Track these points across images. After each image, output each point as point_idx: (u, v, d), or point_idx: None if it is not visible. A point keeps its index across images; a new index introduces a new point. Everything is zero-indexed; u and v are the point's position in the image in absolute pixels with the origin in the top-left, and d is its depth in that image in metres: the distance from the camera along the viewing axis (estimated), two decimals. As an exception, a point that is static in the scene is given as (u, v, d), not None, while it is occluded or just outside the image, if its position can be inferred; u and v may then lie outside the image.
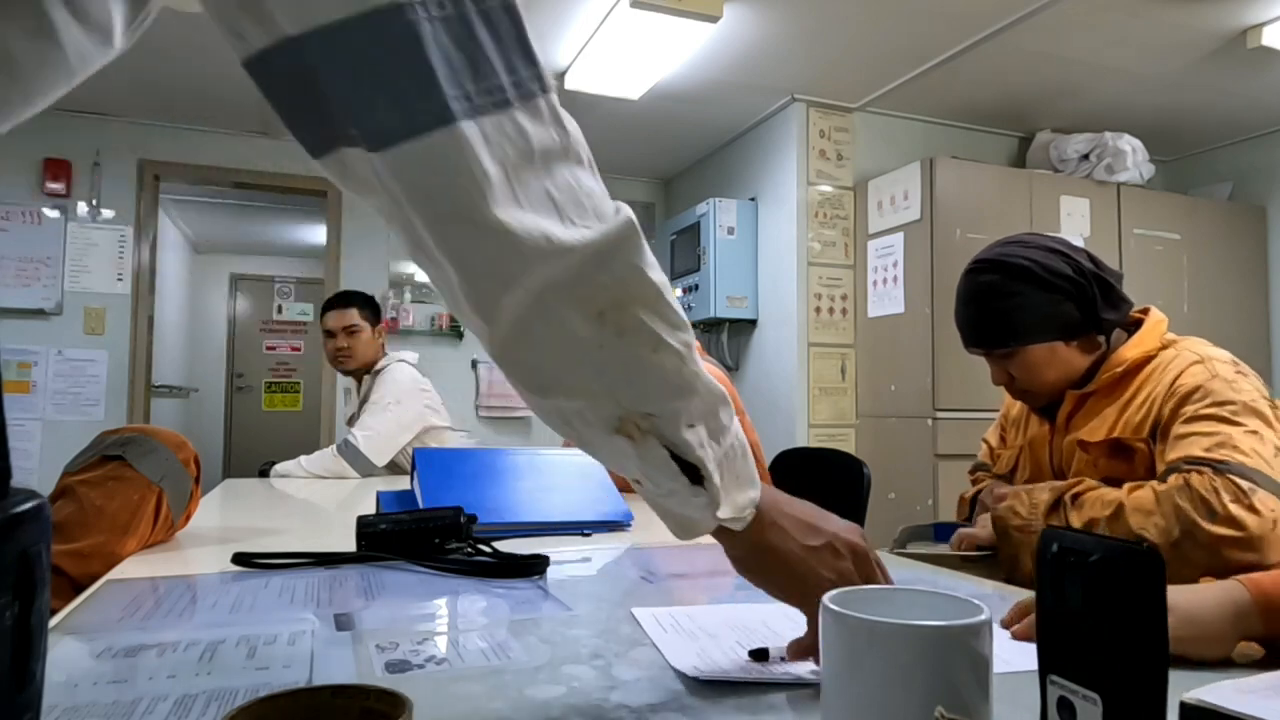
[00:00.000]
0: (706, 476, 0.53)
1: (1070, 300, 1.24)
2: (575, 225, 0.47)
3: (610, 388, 0.50)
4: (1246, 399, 1.14)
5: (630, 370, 0.50)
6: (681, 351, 0.51)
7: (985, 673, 0.42)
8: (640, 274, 0.49)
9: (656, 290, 0.50)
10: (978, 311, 1.30)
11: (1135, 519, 1.11)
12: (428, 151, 0.44)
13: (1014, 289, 1.25)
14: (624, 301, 0.49)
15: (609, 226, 0.49)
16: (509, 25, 0.47)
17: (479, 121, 0.45)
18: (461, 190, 0.45)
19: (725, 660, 0.65)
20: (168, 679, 0.60)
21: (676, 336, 0.51)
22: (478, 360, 4.47)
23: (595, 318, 0.48)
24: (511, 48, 0.47)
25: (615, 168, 4.71)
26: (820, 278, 3.65)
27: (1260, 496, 1.04)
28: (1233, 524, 1.03)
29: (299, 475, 2.29)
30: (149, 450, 1.13)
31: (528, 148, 0.46)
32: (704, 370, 0.53)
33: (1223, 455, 1.08)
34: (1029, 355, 1.27)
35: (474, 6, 0.45)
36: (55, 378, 3.82)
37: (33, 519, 0.34)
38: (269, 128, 4.05)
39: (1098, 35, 3.00)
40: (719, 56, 3.19)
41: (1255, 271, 3.90)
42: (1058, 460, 1.34)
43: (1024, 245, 1.29)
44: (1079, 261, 1.26)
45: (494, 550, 1.04)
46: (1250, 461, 1.07)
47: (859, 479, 2.00)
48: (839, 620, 0.43)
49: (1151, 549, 0.39)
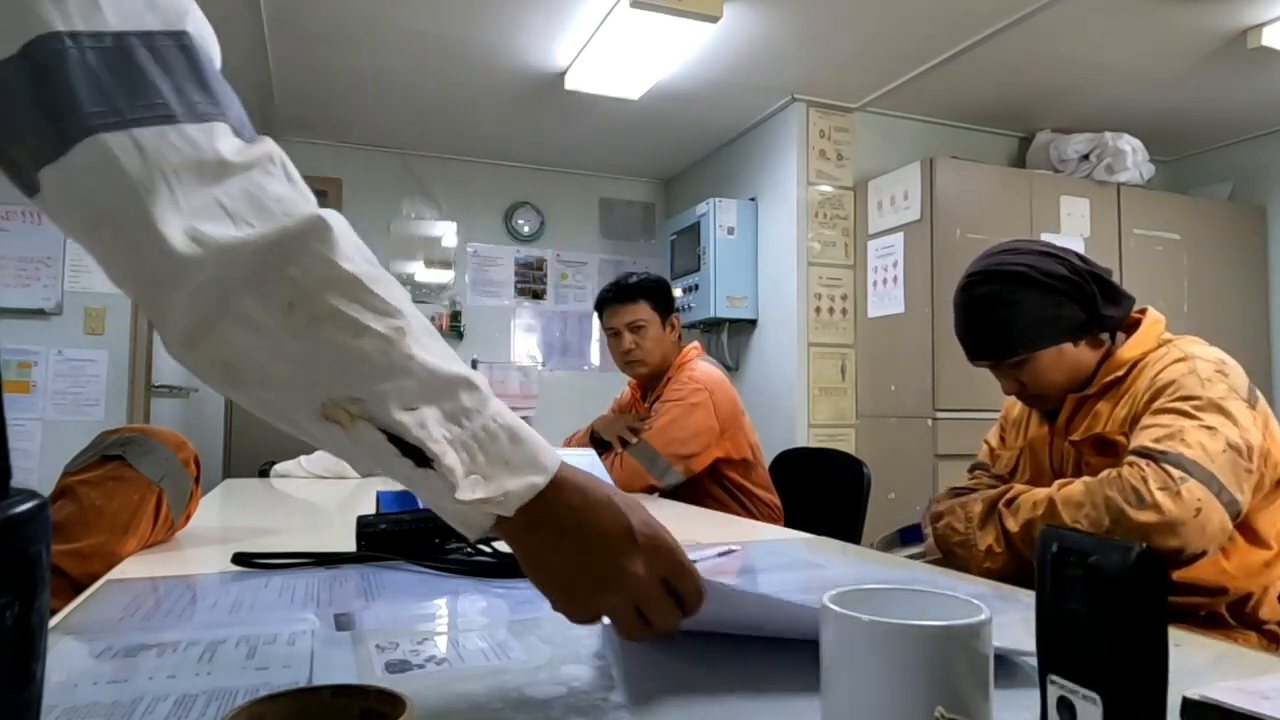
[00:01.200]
0: (435, 458, 0.52)
1: (1071, 300, 1.24)
2: (252, 226, 0.49)
3: (309, 376, 0.51)
4: (1214, 395, 1.15)
5: (328, 357, 0.51)
6: (390, 336, 0.52)
7: (985, 673, 0.42)
8: (330, 264, 0.51)
9: (354, 279, 0.52)
10: (980, 324, 1.29)
11: (1068, 512, 1.13)
12: (73, 163, 0.46)
13: (1014, 296, 1.25)
14: (314, 291, 0.50)
15: (291, 223, 0.50)
16: (183, 62, 0.49)
17: (131, 133, 0.46)
18: (108, 197, 0.46)
19: None
20: (168, 679, 0.60)
21: (384, 322, 0.52)
22: (477, 360, 4.47)
23: (284, 309, 0.50)
24: (184, 78, 0.49)
25: (615, 168, 4.71)
26: (820, 278, 3.65)
27: (1189, 486, 1.06)
28: (1157, 510, 1.06)
29: (299, 475, 2.29)
30: (149, 450, 1.13)
31: (197, 158, 0.48)
32: (430, 355, 0.53)
33: (1166, 446, 1.11)
34: (1038, 361, 1.27)
35: (139, 41, 0.48)
36: (55, 378, 3.82)
37: (33, 519, 0.34)
38: (269, 127, 4.05)
39: (1098, 35, 3.00)
40: (719, 56, 3.19)
41: (1255, 271, 3.90)
42: (1058, 462, 1.34)
43: (1015, 252, 1.29)
44: (1072, 261, 1.26)
45: (494, 550, 1.04)
46: (1191, 453, 1.09)
47: (859, 479, 2.00)
48: (839, 620, 0.43)
49: (1151, 550, 0.39)
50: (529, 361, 4.60)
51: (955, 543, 1.26)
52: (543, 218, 4.66)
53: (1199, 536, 1.05)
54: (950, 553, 1.28)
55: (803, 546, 1.25)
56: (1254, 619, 1.19)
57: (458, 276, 4.50)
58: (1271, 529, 1.19)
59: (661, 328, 2.17)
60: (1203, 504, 1.06)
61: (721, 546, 1.16)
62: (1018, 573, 1.21)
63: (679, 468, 1.95)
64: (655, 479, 1.94)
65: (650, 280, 2.22)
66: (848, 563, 1.11)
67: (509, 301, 4.59)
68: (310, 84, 3.51)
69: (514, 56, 3.21)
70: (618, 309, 2.17)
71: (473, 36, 3.04)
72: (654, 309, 2.17)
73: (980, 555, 1.23)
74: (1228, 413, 1.13)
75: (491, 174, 4.57)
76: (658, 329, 2.16)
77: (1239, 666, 0.70)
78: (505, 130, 4.07)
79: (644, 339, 2.14)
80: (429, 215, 4.49)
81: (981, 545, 1.23)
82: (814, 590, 0.93)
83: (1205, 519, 1.06)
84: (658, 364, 2.17)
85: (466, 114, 3.85)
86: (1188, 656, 0.69)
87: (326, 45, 3.12)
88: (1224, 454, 1.10)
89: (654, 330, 2.15)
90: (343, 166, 4.28)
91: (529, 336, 4.63)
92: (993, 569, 1.21)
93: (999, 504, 1.24)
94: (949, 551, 1.28)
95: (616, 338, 2.18)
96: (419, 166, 4.45)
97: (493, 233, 4.58)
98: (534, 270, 4.65)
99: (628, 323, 2.15)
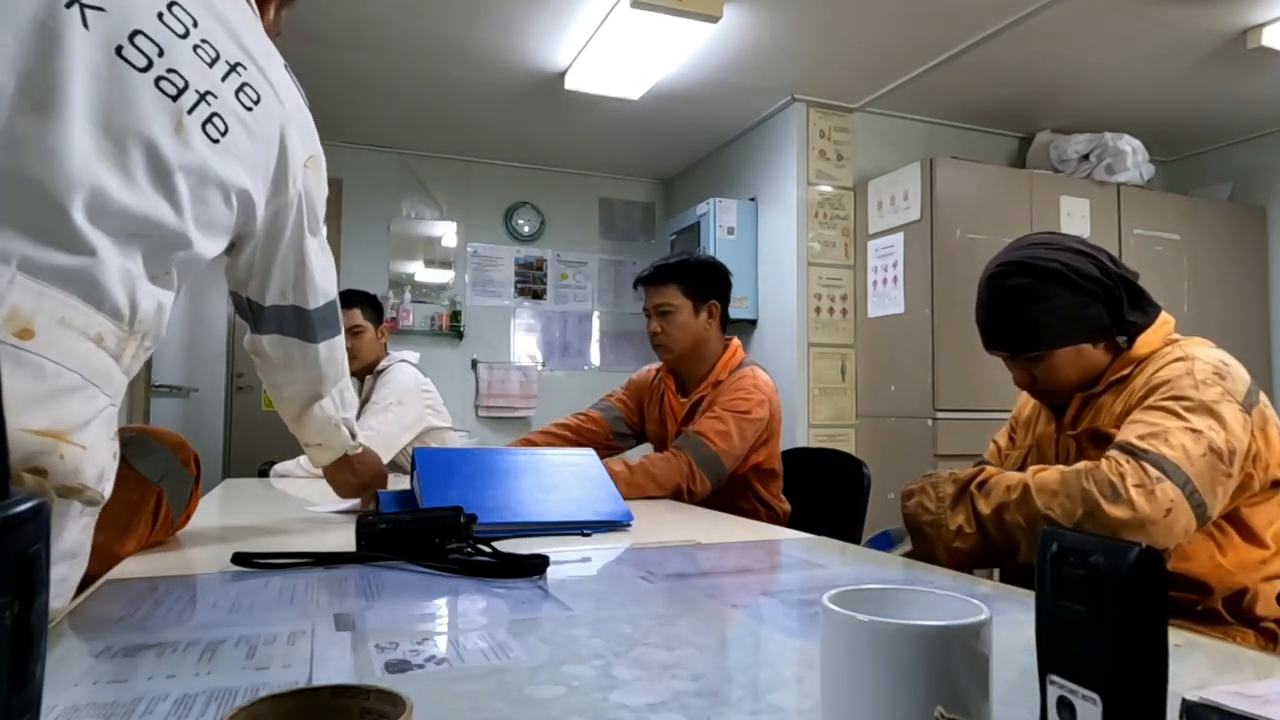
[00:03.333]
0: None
1: (1098, 302, 1.24)
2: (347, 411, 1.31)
3: None
4: (1206, 398, 1.15)
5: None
6: (350, 417, 1.34)
7: (985, 673, 0.42)
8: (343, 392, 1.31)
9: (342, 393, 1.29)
10: (1006, 316, 1.29)
11: (1042, 499, 1.14)
12: (308, 349, 1.21)
13: (1046, 293, 1.24)
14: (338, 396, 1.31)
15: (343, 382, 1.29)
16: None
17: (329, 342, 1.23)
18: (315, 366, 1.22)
19: None
20: (167, 679, 0.60)
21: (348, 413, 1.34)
22: (477, 360, 4.47)
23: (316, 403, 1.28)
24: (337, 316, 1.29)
25: (615, 168, 4.71)
26: (820, 278, 3.65)
27: (1164, 487, 1.08)
28: (1130, 507, 1.07)
29: (299, 475, 2.28)
30: (149, 450, 1.13)
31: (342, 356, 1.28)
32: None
33: (1148, 445, 1.11)
34: (1056, 358, 1.27)
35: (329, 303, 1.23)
36: (55, 378, 3.81)
37: (33, 519, 0.34)
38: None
39: (1098, 35, 3.00)
40: (719, 56, 3.19)
41: (1255, 271, 3.90)
42: (1063, 457, 1.35)
43: (1051, 247, 1.27)
44: (1104, 263, 1.26)
45: (494, 550, 1.04)
46: (1172, 454, 1.10)
47: (859, 479, 2.00)
48: (839, 620, 0.43)
49: (1151, 549, 0.39)
50: (529, 361, 4.60)
51: (925, 521, 1.26)
52: (543, 218, 4.66)
53: (1165, 536, 1.08)
54: (919, 531, 1.27)
55: (803, 546, 1.25)
56: (1250, 615, 1.19)
57: (458, 276, 4.50)
58: (1268, 527, 1.20)
59: (694, 313, 2.05)
60: (1174, 505, 1.08)
61: None
62: (987, 555, 1.22)
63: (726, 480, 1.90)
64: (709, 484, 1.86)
65: (688, 263, 2.11)
66: (847, 563, 1.11)
67: (509, 301, 4.59)
68: (310, 84, 3.49)
69: (514, 56, 3.22)
70: (650, 290, 2.09)
71: (473, 36, 3.05)
72: (685, 294, 2.05)
73: (950, 535, 1.23)
74: (1217, 415, 1.14)
75: (491, 174, 4.57)
76: (688, 314, 2.05)
77: (1239, 667, 0.70)
78: (505, 130, 4.07)
79: (670, 324, 2.05)
80: (429, 215, 4.49)
81: (952, 525, 1.23)
82: (814, 590, 0.93)
83: (1174, 519, 1.08)
84: (684, 351, 2.07)
85: (466, 114, 3.85)
86: (1188, 657, 0.69)
87: (326, 45, 3.12)
88: (1204, 458, 1.11)
89: (683, 316, 2.05)
90: (343, 166, 4.28)
91: (529, 336, 4.63)
92: (962, 549, 1.22)
93: (970, 485, 1.25)
94: (918, 530, 1.27)
95: (647, 319, 2.11)
96: (419, 166, 4.45)
97: (493, 233, 4.58)
98: (534, 270, 4.65)
99: (655, 305, 2.07)
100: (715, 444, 1.88)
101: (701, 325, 2.06)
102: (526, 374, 4.56)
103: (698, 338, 2.06)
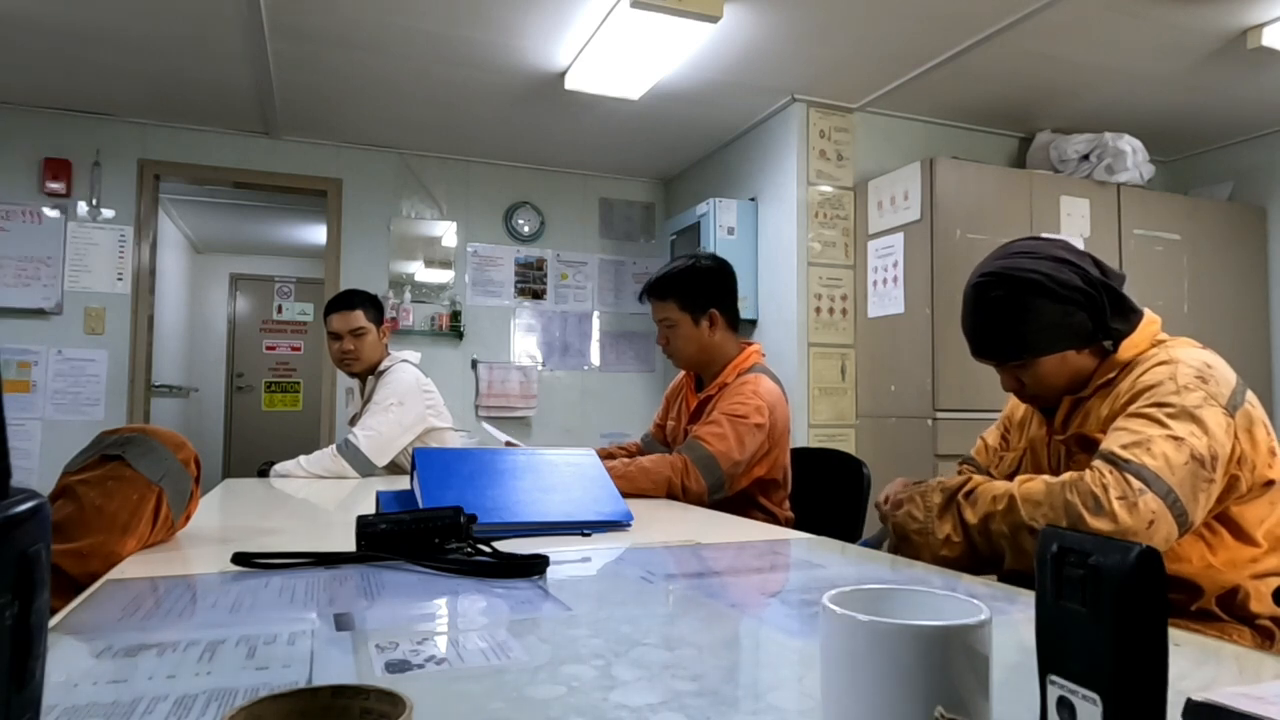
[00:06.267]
0: None
1: (1081, 310, 1.25)
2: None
3: None
4: (1188, 403, 1.15)
5: None
6: None
7: (985, 673, 0.42)
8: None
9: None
10: (987, 325, 1.30)
11: (1026, 510, 1.16)
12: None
13: (1025, 304, 1.25)
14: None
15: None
16: None
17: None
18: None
19: None
20: (167, 679, 0.60)
21: None
22: (477, 360, 4.47)
23: None
24: None
25: (615, 168, 4.71)
26: (820, 278, 3.65)
27: (1146, 499, 1.09)
28: (1113, 519, 1.08)
29: (299, 475, 2.29)
30: (149, 450, 1.13)
31: None
32: None
33: (1130, 455, 1.12)
34: (1041, 366, 1.28)
35: None
36: (55, 377, 3.82)
37: (33, 519, 0.34)
38: (269, 127, 4.05)
39: (1098, 35, 3.00)
40: (719, 56, 3.19)
41: (1255, 272, 3.90)
42: (1055, 461, 1.35)
43: (1032, 256, 1.27)
44: (1087, 270, 1.26)
45: (494, 550, 1.04)
46: (1154, 464, 1.11)
47: (859, 479, 1.99)
48: (839, 620, 0.43)
49: (1151, 549, 0.39)
50: (529, 361, 4.60)
51: (913, 530, 1.28)
52: (543, 218, 4.66)
53: None
54: (906, 539, 1.29)
55: (803, 546, 1.25)
56: (1245, 612, 1.19)
57: (458, 276, 4.50)
58: (1259, 525, 1.20)
59: (694, 324, 2.05)
60: (1156, 517, 1.09)
61: None
62: (973, 564, 1.22)
63: (727, 486, 1.90)
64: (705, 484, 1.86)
65: (683, 274, 2.07)
66: (848, 563, 1.11)
67: (509, 301, 4.59)
68: (310, 84, 3.51)
69: (514, 56, 3.21)
70: (652, 304, 2.10)
71: (473, 36, 3.04)
72: (682, 307, 2.05)
73: (937, 543, 1.25)
74: (1199, 421, 1.14)
75: (491, 174, 4.57)
76: (688, 326, 2.05)
77: (1239, 666, 0.70)
78: (505, 130, 4.07)
79: (674, 337, 2.07)
80: (429, 215, 4.49)
81: (940, 534, 1.25)
82: (814, 590, 0.93)
83: (1155, 530, 1.09)
84: (692, 359, 2.09)
85: (466, 114, 3.85)
86: (1187, 657, 0.69)
87: (326, 45, 3.12)
88: (1185, 466, 1.11)
89: (684, 329, 2.05)
90: (343, 166, 4.28)
91: (529, 336, 4.63)
92: (949, 557, 1.23)
93: (958, 495, 1.26)
94: (904, 538, 1.29)
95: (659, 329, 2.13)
96: (419, 166, 4.45)
97: (493, 233, 4.58)
98: (534, 270, 4.65)
99: (658, 319, 2.09)
100: (711, 445, 1.89)
101: (704, 334, 2.07)
102: (526, 374, 4.56)
103: (703, 346, 2.08)
